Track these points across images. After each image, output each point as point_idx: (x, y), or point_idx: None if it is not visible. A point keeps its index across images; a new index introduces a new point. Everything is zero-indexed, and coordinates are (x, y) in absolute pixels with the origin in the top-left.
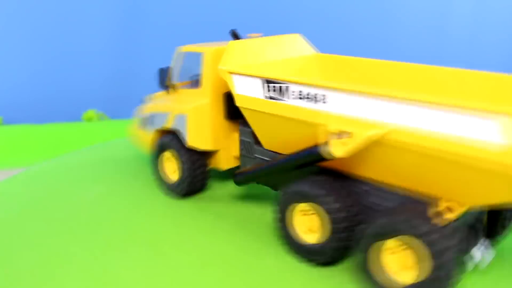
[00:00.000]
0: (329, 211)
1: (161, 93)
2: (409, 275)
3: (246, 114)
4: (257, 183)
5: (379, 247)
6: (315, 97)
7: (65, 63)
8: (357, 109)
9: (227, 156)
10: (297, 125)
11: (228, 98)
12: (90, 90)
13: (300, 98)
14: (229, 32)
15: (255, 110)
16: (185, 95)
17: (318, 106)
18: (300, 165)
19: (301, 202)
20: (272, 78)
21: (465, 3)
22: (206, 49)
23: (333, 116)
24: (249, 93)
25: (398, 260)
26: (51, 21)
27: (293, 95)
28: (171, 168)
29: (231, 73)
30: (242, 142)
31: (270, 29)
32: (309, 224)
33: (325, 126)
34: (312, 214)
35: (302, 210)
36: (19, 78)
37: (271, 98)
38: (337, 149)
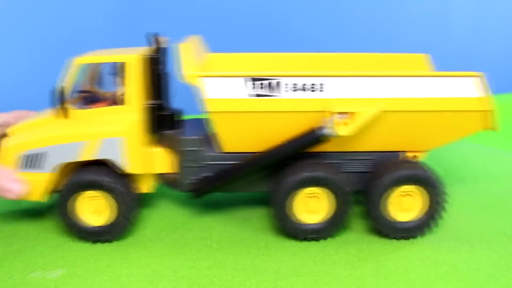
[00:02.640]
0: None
1: (39, 120)
2: None
3: (216, 118)
4: (220, 190)
5: None
6: (313, 87)
7: (65, 63)
8: (353, 91)
9: (152, 176)
10: (290, 117)
11: (152, 110)
12: None
13: (295, 90)
14: (151, 36)
15: (233, 112)
16: (96, 115)
17: (316, 95)
18: (293, 153)
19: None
20: (258, 76)
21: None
22: (129, 57)
23: (333, 100)
24: (228, 95)
25: None
26: (51, 21)
27: (286, 88)
28: (93, 210)
29: (203, 76)
30: (183, 153)
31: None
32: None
33: (325, 111)
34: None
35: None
36: (19, 78)
37: (258, 95)
38: (341, 129)
